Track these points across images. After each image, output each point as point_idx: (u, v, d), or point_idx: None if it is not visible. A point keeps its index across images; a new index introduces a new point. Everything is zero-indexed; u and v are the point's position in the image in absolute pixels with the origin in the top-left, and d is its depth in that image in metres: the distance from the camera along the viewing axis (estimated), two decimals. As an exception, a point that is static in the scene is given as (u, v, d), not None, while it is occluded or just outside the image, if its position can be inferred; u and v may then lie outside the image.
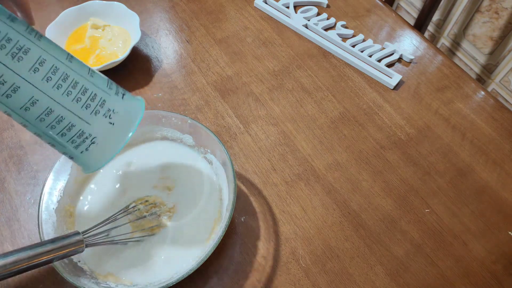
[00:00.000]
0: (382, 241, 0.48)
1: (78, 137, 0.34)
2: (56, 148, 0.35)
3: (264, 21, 0.69)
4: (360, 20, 0.70)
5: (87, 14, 0.62)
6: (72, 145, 0.34)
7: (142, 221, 0.45)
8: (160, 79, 0.60)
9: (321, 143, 0.55)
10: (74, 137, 0.34)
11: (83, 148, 0.34)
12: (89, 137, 0.34)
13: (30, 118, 0.32)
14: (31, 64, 0.31)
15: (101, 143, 0.34)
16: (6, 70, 0.30)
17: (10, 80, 0.30)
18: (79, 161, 0.36)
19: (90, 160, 0.35)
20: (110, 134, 0.34)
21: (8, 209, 0.48)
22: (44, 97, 0.32)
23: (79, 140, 0.34)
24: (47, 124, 0.33)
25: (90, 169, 0.36)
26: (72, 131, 0.33)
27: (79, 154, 0.35)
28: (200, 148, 0.50)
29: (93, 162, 0.36)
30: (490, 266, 0.47)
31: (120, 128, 0.35)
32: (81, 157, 0.35)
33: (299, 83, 0.61)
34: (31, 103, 0.32)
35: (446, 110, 0.59)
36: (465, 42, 0.94)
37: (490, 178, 0.53)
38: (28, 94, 0.31)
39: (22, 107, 0.32)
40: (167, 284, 0.39)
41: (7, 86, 0.30)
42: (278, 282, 0.45)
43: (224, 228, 0.41)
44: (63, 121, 0.33)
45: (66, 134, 0.33)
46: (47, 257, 0.37)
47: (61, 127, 0.33)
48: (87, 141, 0.34)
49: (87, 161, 0.35)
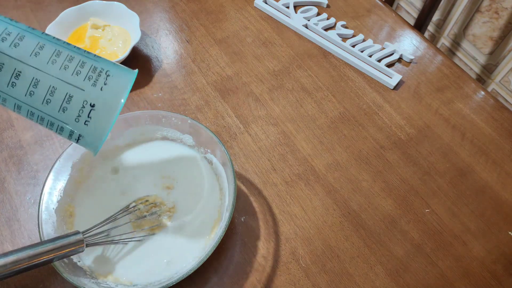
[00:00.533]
0: (382, 241, 0.48)
1: (78, 106, 0.34)
2: (63, 134, 0.35)
3: (264, 21, 0.69)
4: (360, 20, 0.70)
5: (87, 14, 0.62)
6: (75, 116, 0.34)
7: (142, 220, 0.45)
8: (160, 79, 0.60)
9: (321, 143, 0.55)
10: (73, 107, 0.34)
11: (85, 116, 0.34)
12: (86, 104, 0.34)
13: (36, 103, 0.34)
14: (31, 50, 0.33)
15: (100, 108, 0.34)
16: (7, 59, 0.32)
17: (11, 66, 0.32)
18: (85, 137, 0.36)
19: (95, 131, 0.35)
20: (106, 96, 0.35)
21: (8, 209, 0.48)
22: (44, 76, 0.33)
23: (80, 108, 0.34)
24: (42, 98, 0.34)
25: (97, 143, 0.36)
26: (71, 103, 0.34)
27: (83, 126, 0.35)
28: (200, 148, 0.50)
29: (98, 132, 0.35)
30: (490, 266, 0.47)
31: (115, 89, 0.35)
32: (86, 130, 0.35)
33: (299, 83, 0.61)
34: (33, 85, 0.33)
35: (446, 110, 0.59)
36: (465, 42, 0.94)
37: (490, 178, 0.53)
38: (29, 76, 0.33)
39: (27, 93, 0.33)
40: (167, 284, 0.39)
41: (9, 74, 0.33)
42: (278, 282, 0.45)
43: (224, 228, 0.41)
44: (58, 93, 0.34)
45: (66, 108, 0.34)
46: (47, 257, 0.37)
47: (59, 100, 0.34)
48: (86, 108, 0.34)
49: (92, 132, 0.35)
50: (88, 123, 0.34)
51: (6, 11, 0.67)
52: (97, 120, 0.34)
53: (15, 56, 0.32)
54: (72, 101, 0.34)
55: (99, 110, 0.34)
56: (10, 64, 0.32)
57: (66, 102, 0.34)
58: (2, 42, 0.32)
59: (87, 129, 0.35)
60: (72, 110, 0.34)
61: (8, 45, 0.32)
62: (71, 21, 0.61)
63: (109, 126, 0.35)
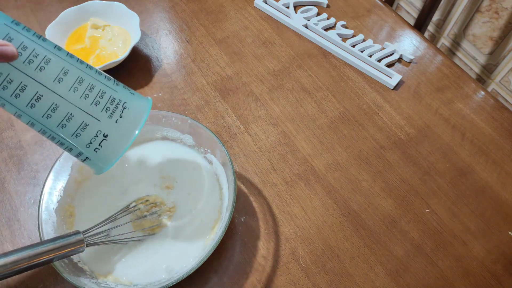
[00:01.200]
0: (382, 241, 0.48)
1: (91, 134, 0.35)
2: (71, 153, 0.36)
3: (264, 21, 0.69)
4: (360, 20, 0.70)
5: (87, 14, 0.62)
6: (86, 142, 0.35)
7: (142, 220, 0.45)
8: (160, 79, 0.60)
9: (321, 143, 0.55)
10: (87, 134, 0.35)
11: (97, 144, 0.35)
12: (99, 134, 0.35)
13: (51, 125, 0.34)
14: (56, 75, 0.33)
15: (112, 139, 0.35)
16: (31, 81, 0.32)
17: (33, 89, 0.32)
18: (93, 160, 0.36)
19: (104, 158, 0.36)
20: (120, 129, 0.35)
21: (8, 209, 0.48)
22: (62, 100, 0.33)
23: (93, 136, 0.35)
24: (58, 123, 0.34)
25: (104, 167, 0.37)
26: (86, 131, 0.34)
27: (92, 152, 0.35)
28: (200, 148, 0.50)
29: (106, 159, 0.36)
30: (490, 266, 0.47)
31: (129, 122, 0.36)
32: (95, 155, 0.36)
33: (299, 83, 0.61)
34: (52, 109, 0.33)
35: (446, 110, 0.59)
36: (465, 42, 0.94)
37: (490, 178, 0.53)
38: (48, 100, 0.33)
39: (44, 115, 0.33)
40: (167, 284, 0.39)
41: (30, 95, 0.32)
42: (278, 282, 0.45)
43: (224, 228, 0.41)
44: (75, 120, 0.34)
45: (80, 134, 0.34)
46: (47, 257, 0.37)
47: (75, 126, 0.34)
48: (99, 137, 0.35)
49: (101, 159, 0.36)
50: (98, 150, 0.35)
51: (6, 11, 0.67)
52: (108, 149, 0.35)
53: (39, 80, 0.32)
54: (86, 129, 0.34)
55: (111, 140, 0.35)
56: (32, 87, 0.32)
57: (81, 129, 0.34)
58: (29, 65, 0.32)
59: (96, 155, 0.36)
60: (85, 137, 0.35)
61: (34, 69, 0.32)
62: (71, 21, 0.61)
63: (119, 156, 0.36)
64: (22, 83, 0.32)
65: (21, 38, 0.32)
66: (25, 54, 0.32)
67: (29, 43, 0.32)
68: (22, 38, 0.32)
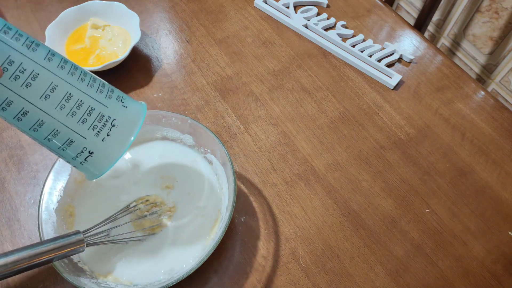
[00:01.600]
0: (382, 241, 0.48)
1: (77, 150, 0.35)
2: (61, 159, 0.37)
3: (264, 21, 0.69)
4: (360, 20, 0.70)
5: (87, 14, 0.62)
6: (72, 156, 0.35)
7: (142, 220, 0.45)
8: (160, 79, 0.60)
9: (321, 143, 0.55)
10: (73, 149, 0.35)
11: (82, 159, 0.36)
12: (85, 150, 0.35)
13: (39, 137, 0.34)
14: (42, 92, 0.32)
15: (98, 156, 0.36)
16: (15, 97, 0.31)
17: (19, 105, 0.32)
18: (80, 169, 0.37)
19: (91, 171, 0.37)
20: (106, 147, 0.35)
21: (8, 209, 0.48)
22: (46, 116, 0.33)
23: (78, 152, 0.35)
24: (44, 137, 0.34)
25: (90, 178, 0.38)
26: (71, 146, 0.35)
27: (79, 165, 0.36)
28: (200, 148, 0.50)
29: (91, 173, 0.37)
30: (490, 266, 0.47)
31: (116, 140, 0.36)
32: (81, 167, 0.36)
33: (299, 83, 0.61)
34: (39, 124, 0.33)
35: (446, 110, 0.59)
36: (465, 42, 0.94)
37: (490, 178, 0.53)
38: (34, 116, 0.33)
39: (31, 128, 0.33)
40: (167, 284, 0.39)
41: (16, 110, 0.32)
42: (278, 282, 0.45)
43: (224, 228, 0.41)
44: (61, 136, 0.34)
45: (66, 149, 0.35)
46: (48, 256, 0.37)
47: (60, 141, 0.34)
48: (85, 153, 0.35)
49: (87, 170, 0.37)
50: (85, 163, 0.36)
51: (6, 11, 0.67)
52: (93, 164, 0.36)
53: (25, 97, 0.32)
54: (72, 145, 0.34)
55: (97, 157, 0.35)
56: (18, 103, 0.32)
57: (66, 144, 0.34)
58: (15, 81, 0.31)
59: (82, 167, 0.36)
60: (71, 152, 0.35)
61: (20, 85, 0.31)
62: (71, 21, 0.61)
63: (104, 171, 0.36)
64: (8, 98, 0.31)
65: (7, 52, 0.30)
66: (11, 69, 0.30)
67: (17, 57, 0.31)
68: (9, 52, 0.30)
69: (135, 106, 0.37)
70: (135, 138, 0.36)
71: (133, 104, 0.37)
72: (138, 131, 0.36)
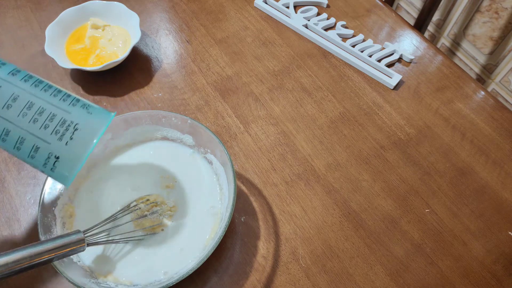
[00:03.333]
0: (382, 241, 0.48)
1: (44, 156, 0.36)
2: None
3: (264, 21, 0.69)
4: (360, 20, 0.70)
5: (87, 14, 0.62)
6: (42, 163, 0.37)
7: (143, 220, 0.45)
8: (160, 79, 0.60)
9: (321, 143, 0.55)
10: (40, 156, 0.36)
11: (51, 165, 0.37)
12: (51, 156, 0.36)
13: (8, 147, 0.37)
14: (4, 102, 0.35)
15: (64, 160, 0.37)
16: None
17: None
18: (51, 176, 0.38)
19: (60, 176, 0.38)
20: (70, 150, 0.37)
21: (8, 209, 0.48)
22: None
23: (46, 158, 0.37)
24: (13, 146, 0.36)
25: (63, 182, 0.39)
26: (38, 153, 0.36)
27: (50, 171, 0.38)
28: (200, 148, 0.50)
29: (63, 178, 0.38)
30: (490, 266, 0.47)
31: (80, 143, 0.37)
32: (53, 174, 0.38)
33: (299, 83, 0.61)
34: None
35: (446, 110, 0.59)
36: (465, 42, 0.94)
37: (490, 178, 0.53)
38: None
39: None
40: (167, 284, 0.39)
41: None
42: (278, 282, 0.45)
43: (224, 228, 0.41)
44: (27, 143, 0.36)
45: (34, 156, 0.36)
46: (48, 256, 0.37)
47: (27, 149, 0.36)
48: (52, 159, 0.37)
49: (58, 177, 0.38)
50: (54, 169, 0.37)
51: (6, 11, 0.67)
52: (62, 169, 0.37)
53: None
54: (39, 152, 0.36)
55: (63, 161, 0.37)
56: None
57: (33, 151, 0.36)
58: None
59: (53, 173, 0.38)
60: (40, 158, 0.36)
61: None
62: (71, 21, 0.61)
63: (73, 175, 0.37)
64: None
65: None
66: None
67: None
68: None
69: (101, 113, 0.39)
70: (98, 141, 0.37)
71: (99, 112, 0.38)
72: (102, 133, 0.37)
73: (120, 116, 0.48)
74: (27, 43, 0.63)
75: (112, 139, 0.49)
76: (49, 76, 0.60)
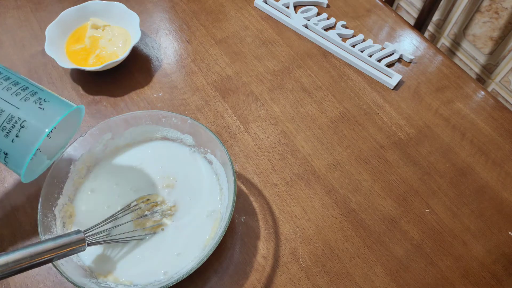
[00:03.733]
0: (382, 241, 0.48)
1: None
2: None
3: (264, 21, 0.69)
4: (360, 20, 0.70)
5: (87, 14, 0.62)
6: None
7: (143, 219, 0.45)
8: (160, 79, 0.61)
9: (321, 143, 0.55)
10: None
11: (3, 160, 0.38)
12: (0, 152, 0.37)
13: None
14: None
15: (12, 157, 0.38)
16: None
17: None
18: (13, 170, 0.39)
19: (14, 169, 0.39)
20: (16, 148, 0.37)
21: (8, 209, 0.48)
22: None
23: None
24: None
25: (21, 177, 0.40)
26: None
27: (6, 165, 0.38)
28: (200, 148, 0.50)
29: (17, 172, 0.39)
30: (490, 266, 0.47)
31: (25, 141, 0.37)
32: (10, 168, 0.39)
33: (299, 83, 0.61)
34: None
35: (446, 110, 0.59)
36: (465, 42, 0.94)
37: (490, 178, 0.53)
38: None
39: None
40: (167, 284, 0.39)
41: None
42: (278, 282, 0.45)
43: (224, 228, 0.41)
44: None
45: None
46: (49, 256, 0.37)
47: None
48: (1, 155, 0.37)
49: (13, 169, 0.39)
50: (7, 164, 0.38)
51: (6, 11, 0.67)
52: (13, 164, 0.38)
53: None
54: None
55: (12, 158, 0.37)
56: None
57: None
58: None
59: (9, 168, 0.39)
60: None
61: None
62: (71, 21, 0.61)
63: (22, 170, 0.38)
64: None
65: None
66: None
67: None
68: None
69: (56, 108, 0.38)
70: (42, 141, 0.37)
71: (54, 107, 0.38)
72: (47, 133, 0.37)
73: (120, 116, 0.48)
74: (27, 43, 0.63)
75: (112, 139, 0.49)
76: (49, 76, 0.60)
